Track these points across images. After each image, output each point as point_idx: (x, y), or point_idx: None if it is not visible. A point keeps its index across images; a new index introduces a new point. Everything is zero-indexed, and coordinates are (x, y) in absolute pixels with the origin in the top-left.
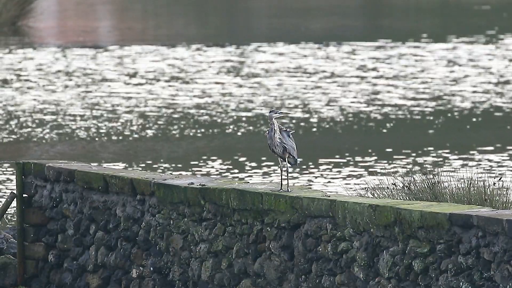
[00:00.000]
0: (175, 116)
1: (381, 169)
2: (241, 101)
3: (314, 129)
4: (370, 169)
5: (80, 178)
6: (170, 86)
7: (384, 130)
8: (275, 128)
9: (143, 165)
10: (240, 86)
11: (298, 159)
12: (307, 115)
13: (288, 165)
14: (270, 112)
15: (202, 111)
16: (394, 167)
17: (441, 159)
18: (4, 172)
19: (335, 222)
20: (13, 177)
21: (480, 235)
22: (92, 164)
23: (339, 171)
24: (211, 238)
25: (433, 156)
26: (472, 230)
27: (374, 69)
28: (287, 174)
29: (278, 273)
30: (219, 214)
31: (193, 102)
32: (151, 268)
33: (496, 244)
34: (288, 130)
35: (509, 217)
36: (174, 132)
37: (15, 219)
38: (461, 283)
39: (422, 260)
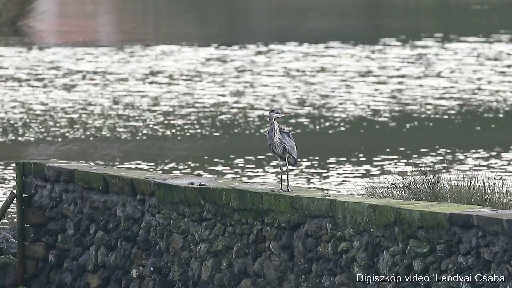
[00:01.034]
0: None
1: (382, 169)
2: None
3: (317, 129)
4: (371, 169)
5: (80, 178)
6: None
7: (386, 130)
8: (275, 128)
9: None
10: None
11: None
12: (307, 115)
13: (288, 165)
14: (270, 112)
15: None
16: (394, 167)
17: (441, 158)
18: (4, 172)
19: (335, 222)
20: (12, 177)
21: (480, 235)
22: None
23: (340, 171)
24: (211, 238)
25: (433, 156)
26: (472, 230)
27: (370, 71)
28: (287, 174)
29: (278, 273)
30: (219, 214)
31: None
32: (151, 268)
33: (496, 244)
34: (288, 130)
35: (509, 217)
36: (194, 131)
37: (15, 219)
38: (461, 283)
39: (422, 260)
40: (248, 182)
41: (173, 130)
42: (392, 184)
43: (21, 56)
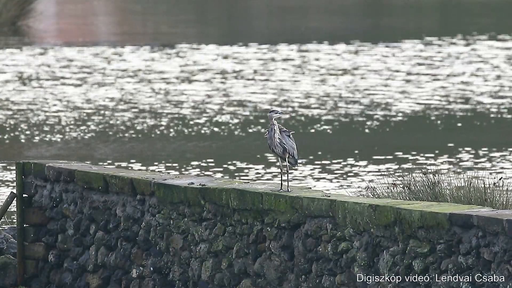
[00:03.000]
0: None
1: (381, 169)
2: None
3: (312, 130)
4: (370, 169)
5: (80, 178)
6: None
7: (387, 129)
8: (275, 128)
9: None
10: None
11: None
12: (306, 114)
13: (289, 165)
14: (270, 112)
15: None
16: (394, 167)
17: (441, 158)
18: (4, 172)
19: (335, 222)
20: (11, 177)
21: (480, 235)
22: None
23: (339, 171)
24: (211, 238)
25: (433, 156)
26: (472, 230)
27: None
28: (287, 174)
29: (278, 273)
30: (219, 214)
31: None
32: (151, 268)
33: (496, 244)
34: (288, 130)
35: (509, 217)
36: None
37: (15, 219)
38: (461, 283)
39: (422, 260)
40: (248, 182)
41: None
42: (392, 184)
43: (16, 57)
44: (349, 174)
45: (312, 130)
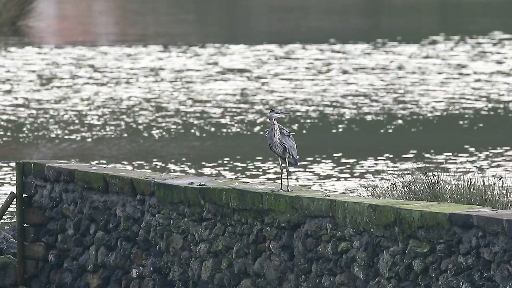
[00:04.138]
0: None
1: (381, 169)
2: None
3: (312, 129)
4: (371, 169)
5: (80, 178)
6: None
7: (390, 130)
8: (275, 128)
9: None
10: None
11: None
12: (305, 114)
13: (289, 165)
14: (270, 112)
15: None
16: (395, 166)
17: (441, 158)
18: (4, 172)
19: (335, 222)
20: (10, 176)
21: (480, 235)
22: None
23: (340, 171)
24: (211, 238)
25: (433, 156)
26: (472, 230)
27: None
28: (287, 174)
29: (278, 273)
30: (219, 214)
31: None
32: (151, 268)
33: (496, 244)
34: (288, 130)
35: (509, 217)
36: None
37: (15, 219)
38: (461, 283)
39: (422, 260)
40: (248, 182)
41: (174, 130)
42: (392, 184)
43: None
44: (348, 174)
45: (312, 130)
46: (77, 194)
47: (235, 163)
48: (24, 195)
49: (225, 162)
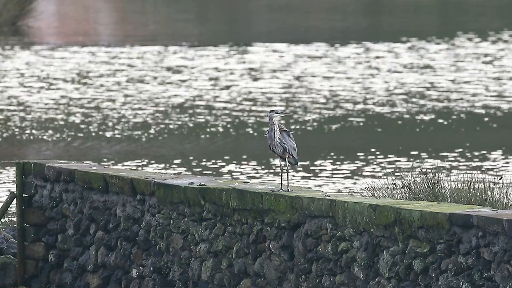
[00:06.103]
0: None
1: (381, 169)
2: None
3: (310, 129)
4: (371, 169)
5: (80, 178)
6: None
7: (389, 130)
8: (275, 128)
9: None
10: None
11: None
12: (305, 113)
13: (289, 165)
14: (270, 112)
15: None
16: (395, 166)
17: (441, 158)
18: (4, 172)
19: (335, 222)
20: (10, 176)
21: (480, 235)
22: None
23: (340, 171)
24: (211, 238)
25: (433, 156)
26: (472, 230)
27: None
28: (287, 174)
29: (278, 273)
30: (219, 214)
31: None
32: (151, 268)
33: (496, 244)
34: (288, 130)
35: (509, 217)
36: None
37: (15, 219)
38: (461, 283)
39: (422, 260)
40: (248, 182)
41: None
42: (392, 184)
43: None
44: (348, 174)
45: (310, 130)
46: (77, 194)
47: (235, 163)
48: (24, 195)
49: (225, 162)
